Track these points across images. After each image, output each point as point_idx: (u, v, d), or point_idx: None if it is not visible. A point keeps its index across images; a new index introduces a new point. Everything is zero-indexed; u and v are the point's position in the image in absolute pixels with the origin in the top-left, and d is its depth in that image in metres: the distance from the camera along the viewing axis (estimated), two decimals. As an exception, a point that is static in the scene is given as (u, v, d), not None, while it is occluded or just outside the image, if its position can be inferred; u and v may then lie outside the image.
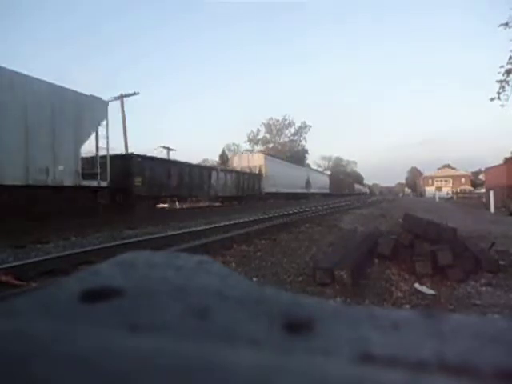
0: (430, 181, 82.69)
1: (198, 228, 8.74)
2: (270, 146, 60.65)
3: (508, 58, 15.32)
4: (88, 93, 11.11)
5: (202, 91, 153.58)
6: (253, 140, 62.20)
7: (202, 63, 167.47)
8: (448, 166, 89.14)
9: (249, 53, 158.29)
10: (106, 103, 11.96)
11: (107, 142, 11.51)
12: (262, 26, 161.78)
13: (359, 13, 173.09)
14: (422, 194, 74.07)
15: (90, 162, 11.21)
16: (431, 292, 3.73)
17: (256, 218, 11.91)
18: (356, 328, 0.29)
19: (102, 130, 11.39)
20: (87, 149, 11.17)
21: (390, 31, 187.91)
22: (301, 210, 16.37)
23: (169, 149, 26.42)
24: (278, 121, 63.89)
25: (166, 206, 16.99)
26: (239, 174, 22.52)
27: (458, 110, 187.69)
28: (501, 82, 15.47)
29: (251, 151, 49.49)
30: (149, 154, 14.46)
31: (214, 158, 44.31)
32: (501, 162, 23.90)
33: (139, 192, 12.89)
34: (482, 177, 49.03)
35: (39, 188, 9.24)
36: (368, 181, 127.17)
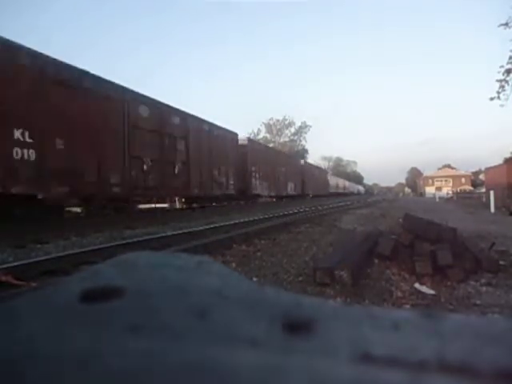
0: (430, 181, 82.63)
1: (198, 228, 8.74)
2: (271, 145, 60.72)
3: (508, 57, 15.31)
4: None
5: (202, 91, 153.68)
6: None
7: (201, 61, 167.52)
8: (448, 166, 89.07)
9: (249, 52, 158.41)
10: None
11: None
12: (263, 26, 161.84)
13: (360, 12, 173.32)
14: (422, 194, 74.04)
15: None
16: (431, 292, 3.73)
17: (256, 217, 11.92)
18: (356, 328, 0.29)
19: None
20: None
21: (390, 31, 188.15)
22: (301, 210, 16.37)
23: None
24: (278, 121, 63.99)
25: (166, 205, 16.89)
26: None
27: (458, 110, 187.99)
28: (500, 81, 15.45)
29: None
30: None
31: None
32: (501, 162, 23.86)
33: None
34: (482, 177, 49.01)
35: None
36: (368, 181, 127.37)
